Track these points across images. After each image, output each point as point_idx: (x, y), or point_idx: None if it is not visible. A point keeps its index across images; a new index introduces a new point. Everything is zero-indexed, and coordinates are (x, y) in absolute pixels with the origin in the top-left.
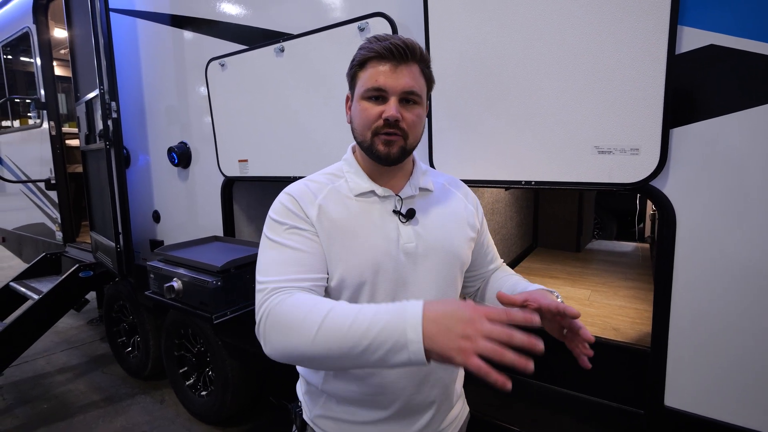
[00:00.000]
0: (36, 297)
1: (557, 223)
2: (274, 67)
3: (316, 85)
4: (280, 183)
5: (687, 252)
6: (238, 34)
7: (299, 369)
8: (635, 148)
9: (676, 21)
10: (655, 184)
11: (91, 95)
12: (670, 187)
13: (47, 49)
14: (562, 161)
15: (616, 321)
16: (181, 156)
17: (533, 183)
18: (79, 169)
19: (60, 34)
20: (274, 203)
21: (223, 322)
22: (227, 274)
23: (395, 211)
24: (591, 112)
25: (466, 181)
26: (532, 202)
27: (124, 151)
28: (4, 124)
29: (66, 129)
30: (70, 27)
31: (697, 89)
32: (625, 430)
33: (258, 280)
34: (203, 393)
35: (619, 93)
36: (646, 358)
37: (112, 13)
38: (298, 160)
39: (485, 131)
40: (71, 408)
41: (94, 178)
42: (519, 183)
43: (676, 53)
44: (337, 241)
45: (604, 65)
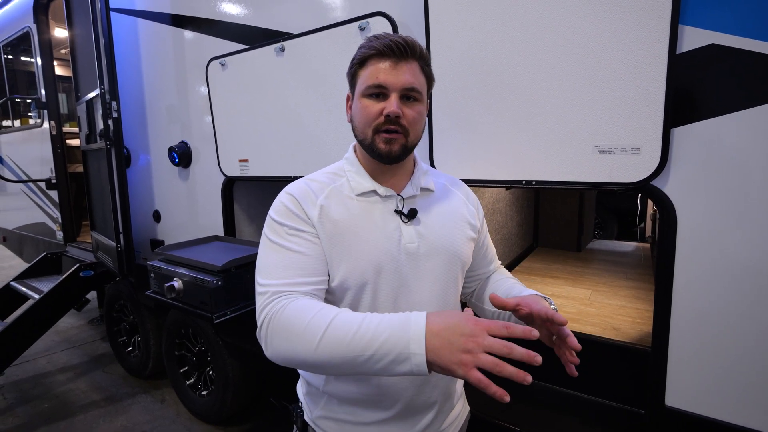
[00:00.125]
0: (37, 296)
1: (558, 223)
2: (274, 67)
3: (316, 85)
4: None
5: (688, 252)
6: (238, 33)
7: (300, 370)
8: (636, 147)
9: (677, 20)
10: (655, 183)
11: (91, 95)
12: (671, 186)
13: (48, 49)
14: (563, 161)
15: (617, 321)
16: (181, 155)
17: (534, 183)
18: (80, 168)
19: (60, 33)
20: (275, 202)
21: (224, 321)
22: (228, 273)
23: (397, 210)
24: (592, 112)
25: (467, 181)
26: (532, 202)
27: (125, 150)
28: (5, 123)
29: (66, 129)
30: (70, 26)
31: (698, 89)
32: (626, 430)
33: (259, 281)
34: (204, 392)
35: (620, 92)
36: (647, 358)
37: (112, 13)
38: (298, 160)
39: (486, 131)
40: (72, 407)
41: (95, 177)
42: (520, 183)
43: (677, 53)
44: (339, 242)
45: (604, 65)
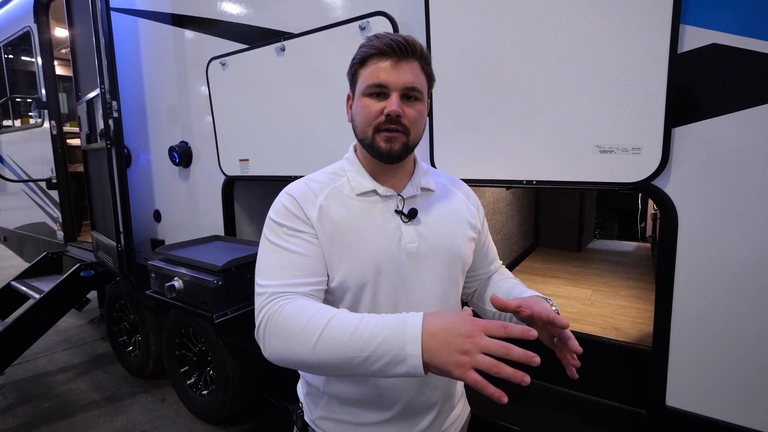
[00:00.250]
0: (37, 296)
1: (558, 223)
2: (275, 67)
3: (317, 85)
4: (280, 182)
5: (688, 251)
6: (239, 33)
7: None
8: (637, 147)
9: (678, 20)
10: (656, 183)
11: (92, 94)
12: (672, 186)
13: (48, 49)
14: (564, 160)
15: (618, 320)
16: (182, 155)
17: (534, 182)
18: (80, 168)
19: (61, 33)
20: (275, 203)
21: (224, 321)
22: (228, 273)
23: (397, 210)
24: (592, 112)
25: (467, 181)
26: (533, 202)
27: (125, 150)
28: (6, 123)
29: (67, 128)
30: (71, 26)
31: (699, 88)
32: (627, 430)
33: (257, 282)
34: (204, 392)
35: (621, 92)
36: (648, 358)
37: (113, 13)
38: (298, 160)
39: (486, 130)
40: (72, 407)
41: (95, 177)
42: (520, 182)
43: (678, 52)
44: (339, 242)
45: (605, 64)
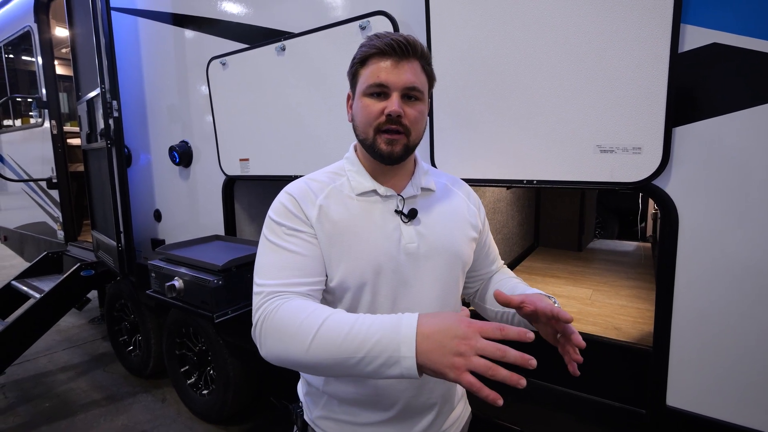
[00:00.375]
0: (37, 296)
1: (559, 223)
2: (275, 66)
3: (317, 84)
4: (281, 182)
5: (689, 251)
6: (239, 32)
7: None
8: (637, 147)
9: (678, 19)
10: (657, 183)
11: (92, 94)
12: (673, 186)
13: (48, 48)
14: (564, 160)
15: (618, 320)
16: (182, 155)
17: (535, 182)
18: (81, 168)
19: (61, 33)
20: (274, 203)
21: (225, 321)
22: (228, 273)
23: (397, 211)
24: (593, 111)
25: (468, 180)
26: (533, 201)
27: (126, 150)
28: (6, 123)
29: (67, 128)
30: (71, 26)
31: (699, 88)
32: (627, 430)
33: (255, 281)
34: (204, 392)
35: (622, 92)
36: (648, 358)
37: (113, 12)
38: (299, 159)
39: (487, 130)
40: (73, 406)
41: (96, 177)
42: (521, 182)
43: (679, 52)
44: (338, 242)
45: (606, 64)
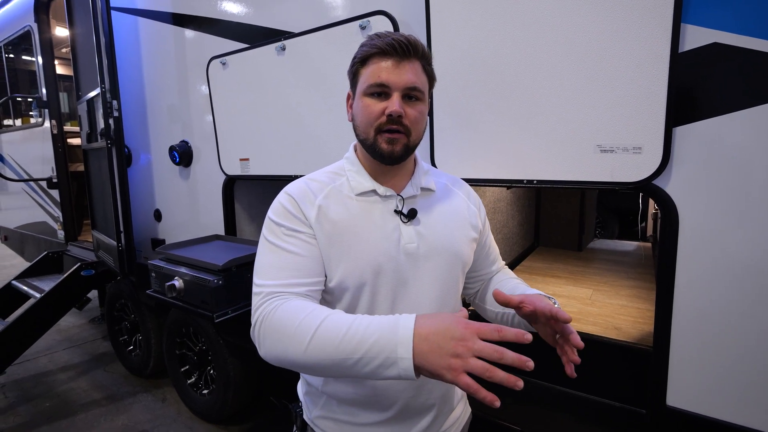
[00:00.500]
0: (38, 295)
1: (559, 222)
2: (275, 66)
3: (317, 84)
4: (281, 182)
5: (689, 251)
6: (239, 32)
7: None
8: (638, 146)
9: (679, 19)
10: (657, 183)
11: (92, 94)
12: (673, 186)
13: (49, 48)
14: (564, 160)
15: (618, 320)
16: (182, 155)
17: (535, 182)
18: (81, 167)
19: (61, 32)
20: (274, 203)
21: (225, 320)
22: (228, 272)
23: (397, 211)
24: (593, 111)
25: (468, 180)
26: (533, 201)
27: (126, 149)
28: (6, 122)
29: (67, 128)
30: (71, 25)
31: (700, 88)
32: (627, 430)
33: (255, 282)
34: (205, 392)
35: (622, 91)
36: (648, 358)
37: (113, 12)
38: (299, 159)
39: (487, 130)
40: (73, 406)
41: (96, 176)
42: (521, 182)
43: (679, 51)
44: (338, 242)
45: (606, 63)
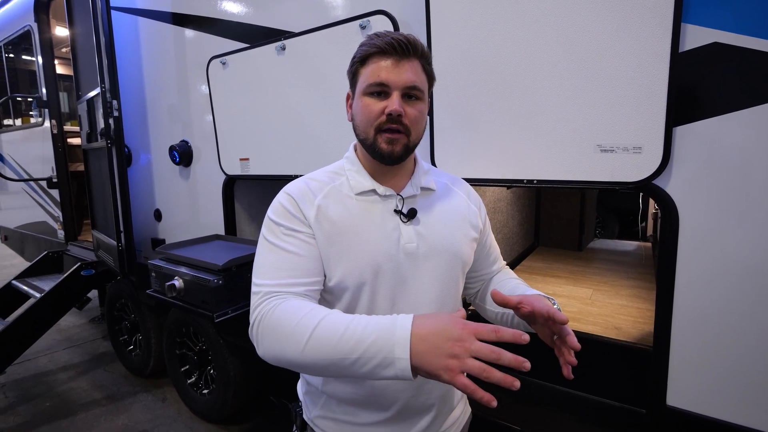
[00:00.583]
0: (38, 295)
1: (559, 222)
2: (275, 66)
3: (317, 84)
4: (281, 181)
5: (689, 251)
6: (239, 32)
7: None
8: (638, 146)
9: (679, 19)
10: (657, 182)
11: (92, 93)
12: (673, 185)
13: (48, 48)
14: (565, 160)
15: (618, 320)
16: (182, 154)
17: (535, 182)
18: (81, 167)
19: (61, 32)
20: (273, 202)
21: (225, 320)
22: (229, 272)
23: (396, 210)
24: (593, 111)
25: (468, 180)
26: (533, 201)
27: (126, 149)
28: (6, 122)
29: (67, 127)
30: (71, 25)
31: (700, 87)
32: (627, 429)
33: (253, 281)
34: (205, 391)
35: (622, 91)
36: (648, 358)
37: (113, 11)
38: (299, 159)
39: (487, 129)
40: (73, 406)
41: (96, 176)
42: (521, 182)
43: (680, 51)
44: (337, 242)
45: (606, 63)
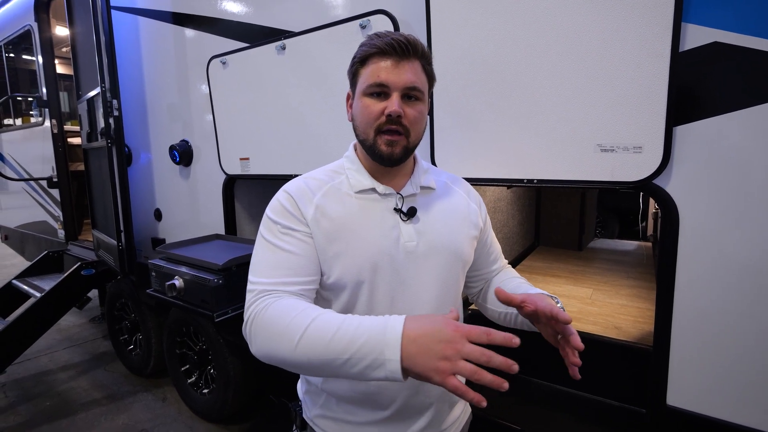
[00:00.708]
0: (38, 295)
1: (559, 222)
2: (275, 65)
3: (317, 83)
4: (281, 181)
5: (689, 250)
6: (239, 31)
7: None
8: (638, 146)
9: (680, 18)
10: (657, 182)
11: (92, 93)
12: (673, 185)
13: (49, 47)
14: (565, 159)
15: (618, 320)
16: (182, 154)
17: (535, 181)
18: (81, 167)
19: (61, 32)
20: (272, 201)
21: (225, 320)
22: (229, 272)
23: (396, 209)
24: (594, 110)
25: (468, 180)
26: (534, 201)
27: (126, 149)
28: (7, 122)
29: (68, 127)
30: (71, 25)
31: (700, 87)
32: (627, 429)
33: (249, 279)
34: (205, 391)
35: (622, 91)
36: (648, 357)
37: (113, 11)
38: (299, 159)
39: (487, 129)
40: (74, 405)
41: (96, 176)
42: (521, 181)
43: (680, 50)
44: (336, 240)
45: (607, 63)
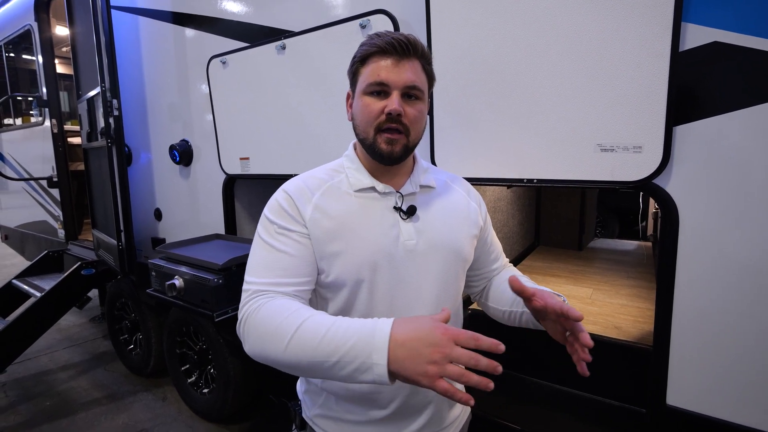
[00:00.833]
0: (38, 294)
1: (559, 222)
2: (275, 65)
3: (317, 83)
4: (281, 181)
5: (689, 250)
6: (239, 31)
7: None
8: (638, 146)
9: (680, 18)
10: (657, 182)
11: (92, 93)
12: (673, 185)
13: (49, 47)
14: (565, 159)
15: (618, 319)
16: (182, 154)
17: (535, 181)
18: (81, 166)
19: (62, 31)
20: (271, 200)
21: (225, 319)
22: (229, 272)
23: (396, 207)
24: (593, 110)
25: (468, 179)
26: (534, 201)
27: (126, 148)
28: (7, 121)
29: (68, 127)
30: (71, 25)
31: (700, 87)
32: (627, 429)
33: (245, 278)
34: (205, 390)
35: (622, 90)
36: (648, 357)
37: (113, 11)
38: (299, 158)
39: (487, 129)
40: (74, 405)
41: (96, 175)
42: (521, 181)
43: (680, 50)
44: (335, 239)
45: (607, 62)
